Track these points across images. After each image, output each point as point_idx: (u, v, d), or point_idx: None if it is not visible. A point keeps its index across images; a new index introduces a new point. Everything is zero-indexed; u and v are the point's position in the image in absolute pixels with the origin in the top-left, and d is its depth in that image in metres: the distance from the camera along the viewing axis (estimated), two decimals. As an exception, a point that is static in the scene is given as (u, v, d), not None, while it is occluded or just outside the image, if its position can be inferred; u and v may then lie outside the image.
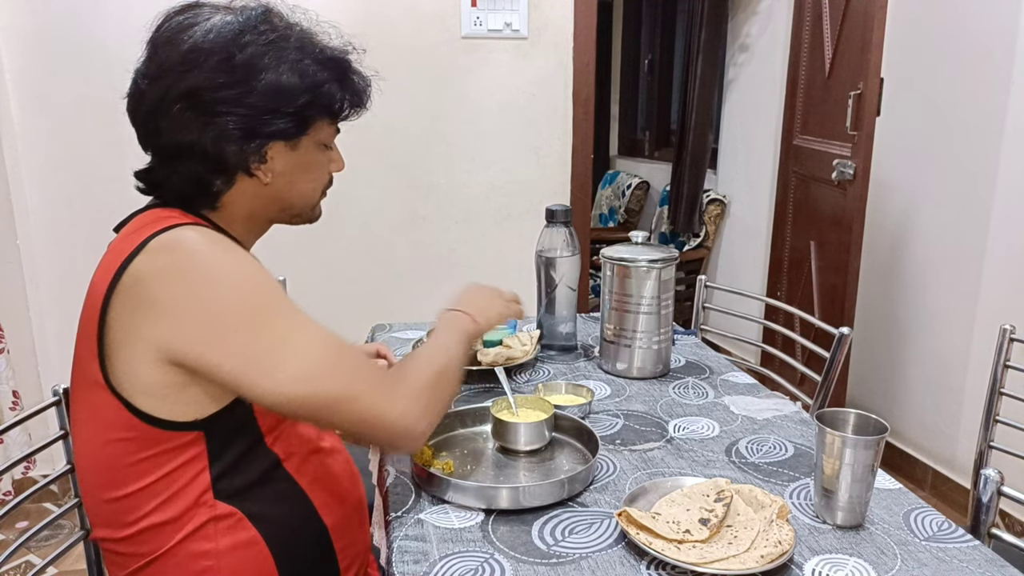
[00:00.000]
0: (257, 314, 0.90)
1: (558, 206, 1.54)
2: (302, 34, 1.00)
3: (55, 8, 2.33)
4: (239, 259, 0.93)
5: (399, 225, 2.70)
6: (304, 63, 0.98)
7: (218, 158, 0.97)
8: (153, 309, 0.88)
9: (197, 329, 0.88)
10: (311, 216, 1.11)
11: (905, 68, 2.66)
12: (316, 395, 0.89)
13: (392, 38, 2.53)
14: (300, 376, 0.89)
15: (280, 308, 0.92)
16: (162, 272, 0.89)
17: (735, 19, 3.79)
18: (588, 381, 1.46)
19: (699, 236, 4.00)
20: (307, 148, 1.03)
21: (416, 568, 0.91)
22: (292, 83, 0.96)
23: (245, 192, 1.02)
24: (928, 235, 2.64)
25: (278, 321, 0.91)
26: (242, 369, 0.88)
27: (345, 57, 1.04)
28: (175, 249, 0.90)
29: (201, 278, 0.89)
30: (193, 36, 0.94)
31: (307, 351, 0.90)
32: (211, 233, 0.95)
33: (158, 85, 0.95)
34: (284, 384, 0.88)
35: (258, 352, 0.88)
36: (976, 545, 0.96)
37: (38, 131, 2.39)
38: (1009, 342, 1.55)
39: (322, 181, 1.09)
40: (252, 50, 0.95)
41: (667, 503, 1.00)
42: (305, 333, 0.91)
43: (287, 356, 0.89)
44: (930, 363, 2.66)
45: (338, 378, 0.91)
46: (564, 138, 2.74)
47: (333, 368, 0.91)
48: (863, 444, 0.97)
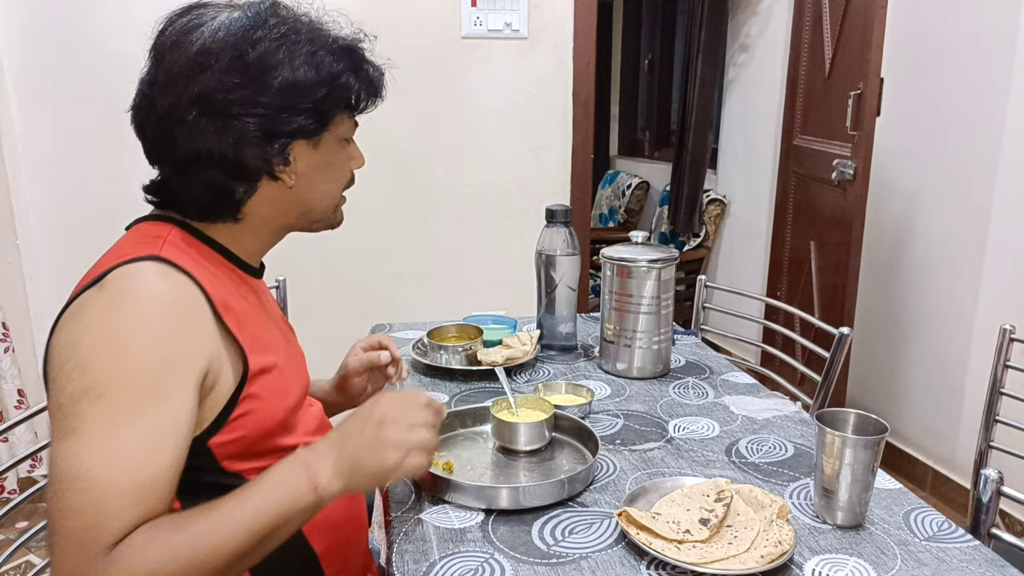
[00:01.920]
0: (91, 393, 0.79)
1: (558, 206, 1.54)
2: (312, 25, 0.96)
3: (55, 8, 2.33)
4: (148, 332, 0.82)
5: (399, 225, 2.70)
6: (318, 55, 0.93)
7: (239, 164, 0.92)
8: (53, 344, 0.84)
9: (51, 369, 0.83)
10: (332, 220, 1.06)
11: (905, 68, 2.66)
12: (48, 498, 0.79)
13: (392, 38, 2.53)
14: (52, 469, 0.80)
15: (117, 407, 0.79)
16: (77, 325, 0.83)
17: (735, 19, 3.80)
18: (588, 381, 1.46)
19: (699, 236, 4.00)
20: (329, 145, 0.99)
21: (416, 568, 0.91)
22: (308, 77, 0.92)
23: (265, 198, 0.97)
24: (928, 235, 2.64)
25: (98, 415, 0.79)
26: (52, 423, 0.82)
27: (358, 46, 0.99)
28: (98, 305, 0.82)
29: (95, 333, 0.81)
30: (201, 37, 0.90)
31: (78, 456, 0.78)
32: (156, 287, 0.84)
33: (168, 92, 0.90)
34: (50, 461, 0.80)
35: (58, 421, 0.80)
36: (976, 545, 0.96)
37: (38, 131, 2.39)
38: (1009, 342, 1.55)
39: (343, 180, 1.05)
40: (264, 46, 0.91)
41: (667, 503, 1.00)
42: (96, 443, 0.78)
43: (66, 445, 0.79)
44: (930, 363, 2.66)
45: (63, 501, 0.77)
46: (564, 138, 2.74)
47: (70, 490, 0.77)
48: (863, 444, 0.97)
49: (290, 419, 1.01)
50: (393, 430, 0.88)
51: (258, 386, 0.93)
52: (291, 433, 1.01)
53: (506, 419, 1.18)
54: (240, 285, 0.99)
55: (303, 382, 1.09)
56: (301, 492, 0.84)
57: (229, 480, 0.93)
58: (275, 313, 1.09)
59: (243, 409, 0.92)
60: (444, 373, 1.49)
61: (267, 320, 1.03)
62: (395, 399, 0.91)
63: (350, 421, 0.91)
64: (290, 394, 1.01)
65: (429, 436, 0.91)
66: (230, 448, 0.93)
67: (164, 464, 0.81)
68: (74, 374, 0.80)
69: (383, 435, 0.87)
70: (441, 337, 1.57)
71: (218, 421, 0.90)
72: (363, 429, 0.88)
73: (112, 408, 0.79)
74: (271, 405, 0.96)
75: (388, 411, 0.89)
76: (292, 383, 1.03)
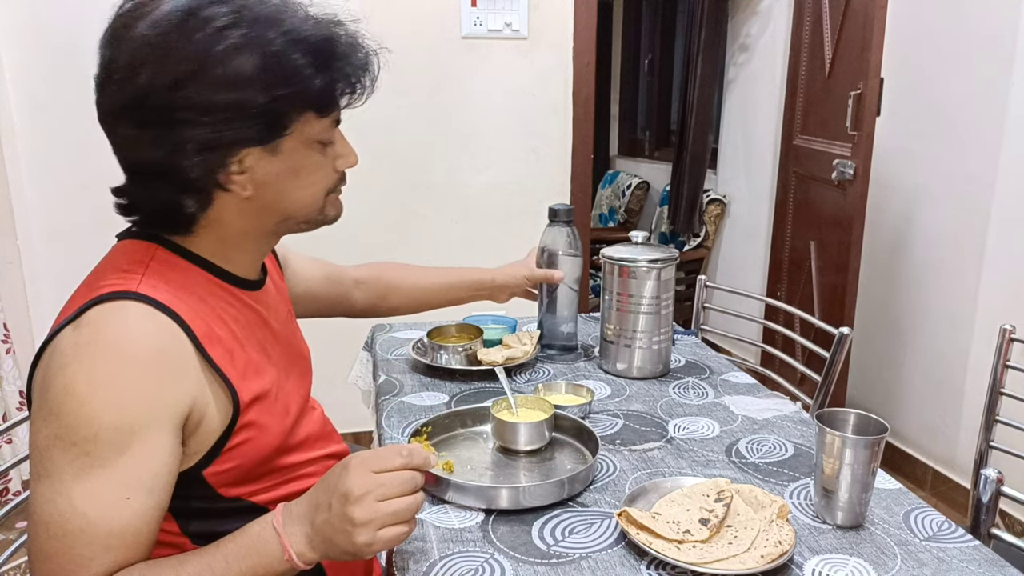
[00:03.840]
0: (63, 440, 0.76)
1: (561, 205, 1.53)
2: (268, 11, 0.81)
3: (55, 8, 2.33)
4: (122, 383, 0.77)
5: (399, 225, 2.70)
6: (271, 49, 0.79)
7: (178, 176, 0.82)
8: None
9: (32, 405, 0.81)
10: (322, 219, 0.95)
11: (905, 68, 2.66)
12: (28, 537, 0.80)
13: (392, 38, 2.53)
14: (30, 509, 0.79)
15: (89, 455, 0.76)
16: (52, 366, 0.79)
17: (735, 19, 3.80)
18: (588, 381, 1.46)
19: (699, 236, 4.00)
20: (294, 150, 0.86)
21: (416, 568, 0.91)
22: (254, 76, 0.79)
23: (230, 209, 0.87)
24: (928, 235, 2.64)
25: (70, 462, 0.76)
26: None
27: (328, 35, 0.84)
28: (74, 350, 0.78)
29: (68, 380, 0.77)
30: (138, 30, 0.78)
31: (52, 501, 0.77)
32: (132, 333, 0.79)
33: (104, 95, 0.82)
34: (29, 501, 0.80)
35: (34, 462, 0.79)
36: (976, 545, 0.96)
37: (38, 131, 2.39)
38: (1009, 342, 1.55)
39: (323, 184, 0.92)
40: (201, 41, 0.78)
41: (667, 503, 1.00)
42: (69, 490, 0.76)
43: (41, 488, 0.78)
44: (930, 363, 2.66)
45: (38, 543, 0.78)
46: (564, 138, 2.74)
47: (45, 533, 0.77)
48: (863, 444, 0.97)
49: (289, 440, 0.98)
50: (359, 507, 0.77)
51: (255, 413, 0.90)
52: (292, 452, 0.99)
53: (506, 419, 1.18)
54: (232, 304, 0.93)
55: (304, 389, 1.07)
56: (273, 561, 0.80)
57: (227, 504, 0.92)
58: (279, 317, 1.04)
59: (239, 439, 0.89)
60: (444, 373, 1.49)
61: (264, 336, 0.98)
62: (364, 463, 0.80)
63: (320, 487, 0.81)
64: (289, 413, 0.98)
65: (407, 503, 0.79)
66: (226, 476, 0.90)
67: (138, 511, 0.79)
68: (48, 419, 0.77)
69: (349, 512, 0.77)
70: (441, 337, 1.57)
71: (211, 453, 0.87)
72: (330, 503, 0.78)
73: (84, 456, 0.76)
74: (268, 432, 0.93)
75: (355, 482, 0.78)
76: (291, 399, 1.00)
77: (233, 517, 0.89)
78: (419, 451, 0.82)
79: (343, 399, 1.86)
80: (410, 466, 0.81)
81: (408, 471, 0.81)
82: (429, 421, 1.22)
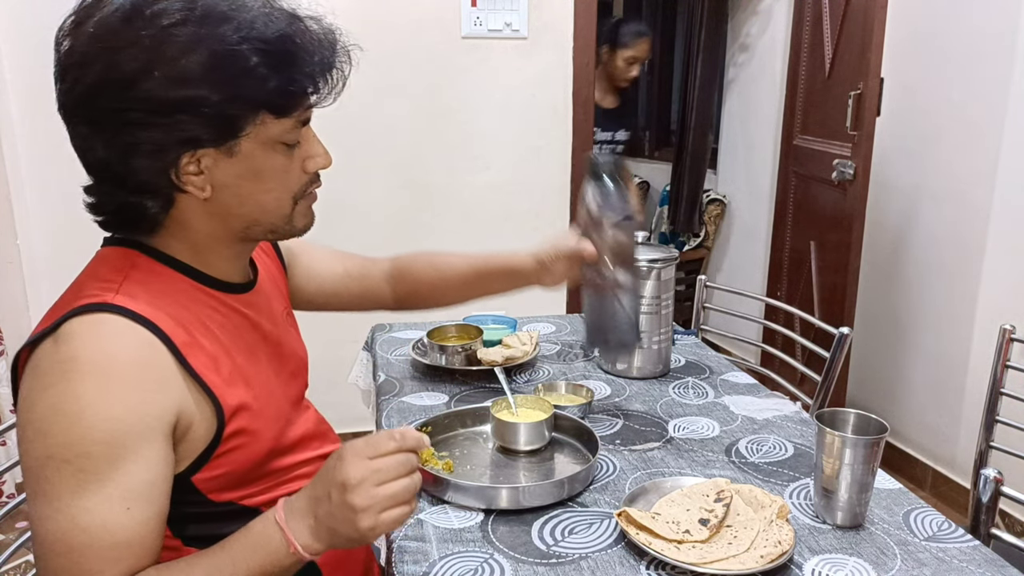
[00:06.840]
0: (54, 459, 0.76)
1: (604, 155, 1.30)
2: (221, 8, 0.78)
3: (55, 8, 2.33)
4: (106, 398, 0.76)
5: (399, 225, 2.70)
6: (221, 48, 0.77)
7: (134, 176, 0.81)
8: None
9: (20, 432, 0.80)
10: (289, 229, 0.92)
11: (905, 68, 2.66)
12: (34, 557, 0.79)
13: (392, 38, 2.53)
14: (32, 529, 0.79)
15: (82, 472, 0.76)
16: (34, 385, 0.79)
17: (735, 19, 3.80)
18: (588, 381, 1.46)
19: (699, 236, 4.01)
20: (252, 152, 0.83)
21: (416, 568, 0.91)
22: (203, 75, 0.76)
23: (193, 211, 0.86)
24: (928, 235, 2.64)
25: (65, 481, 0.76)
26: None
27: (284, 32, 0.80)
28: (54, 367, 0.77)
29: (52, 399, 0.77)
30: (89, 27, 0.77)
31: (53, 520, 0.76)
32: (111, 347, 0.78)
33: (60, 93, 0.80)
34: (29, 521, 0.79)
35: (29, 482, 0.78)
36: (976, 545, 0.96)
37: (38, 131, 2.39)
38: (1009, 342, 1.55)
39: (288, 187, 0.88)
40: (149, 38, 0.76)
41: (667, 503, 1.00)
42: (68, 508, 0.76)
43: (40, 508, 0.77)
44: (930, 363, 2.66)
45: (45, 561, 0.78)
46: (564, 138, 2.74)
47: (51, 552, 0.77)
48: (863, 444, 0.97)
49: (282, 443, 0.97)
50: (358, 492, 0.77)
51: (243, 420, 0.89)
52: (285, 455, 0.98)
53: (506, 419, 1.18)
54: (216, 310, 0.91)
55: (297, 389, 1.06)
56: (280, 556, 0.80)
57: (218, 508, 0.91)
58: (272, 318, 1.02)
59: (228, 446, 0.88)
60: (444, 373, 1.49)
61: (253, 339, 0.96)
62: (358, 451, 0.79)
63: (318, 481, 0.81)
64: (281, 417, 0.97)
65: (404, 484, 0.79)
66: (216, 482, 0.90)
67: (140, 520, 0.79)
68: (37, 439, 0.77)
69: (349, 500, 0.77)
70: (441, 337, 1.57)
71: (200, 460, 0.87)
72: (329, 494, 0.78)
73: (79, 473, 0.76)
74: (259, 438, 0.92)
75: (351, 470, 0.78)
76: (283, 402, 0.99)
77: (228, 520, 0.88)
78: (411, 433, 0.82)
79: (343, 399, 1.86)
80: (404, 448, 0.81)
81: (402, 453, 0.80)
82: (429, 421, 1.22)
